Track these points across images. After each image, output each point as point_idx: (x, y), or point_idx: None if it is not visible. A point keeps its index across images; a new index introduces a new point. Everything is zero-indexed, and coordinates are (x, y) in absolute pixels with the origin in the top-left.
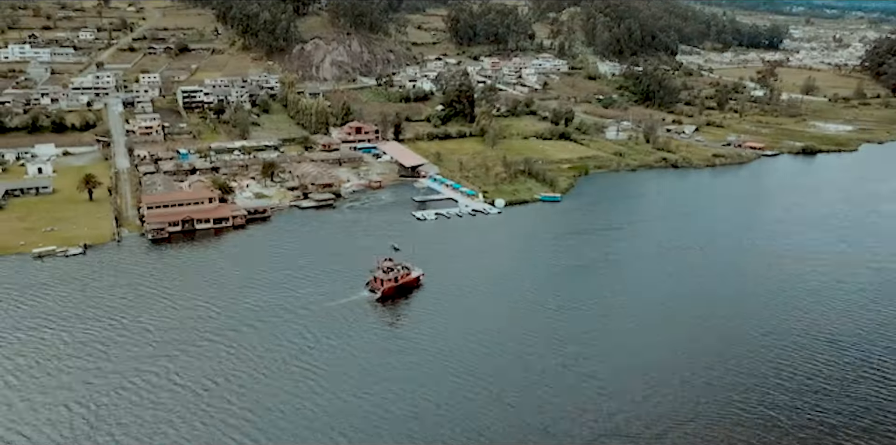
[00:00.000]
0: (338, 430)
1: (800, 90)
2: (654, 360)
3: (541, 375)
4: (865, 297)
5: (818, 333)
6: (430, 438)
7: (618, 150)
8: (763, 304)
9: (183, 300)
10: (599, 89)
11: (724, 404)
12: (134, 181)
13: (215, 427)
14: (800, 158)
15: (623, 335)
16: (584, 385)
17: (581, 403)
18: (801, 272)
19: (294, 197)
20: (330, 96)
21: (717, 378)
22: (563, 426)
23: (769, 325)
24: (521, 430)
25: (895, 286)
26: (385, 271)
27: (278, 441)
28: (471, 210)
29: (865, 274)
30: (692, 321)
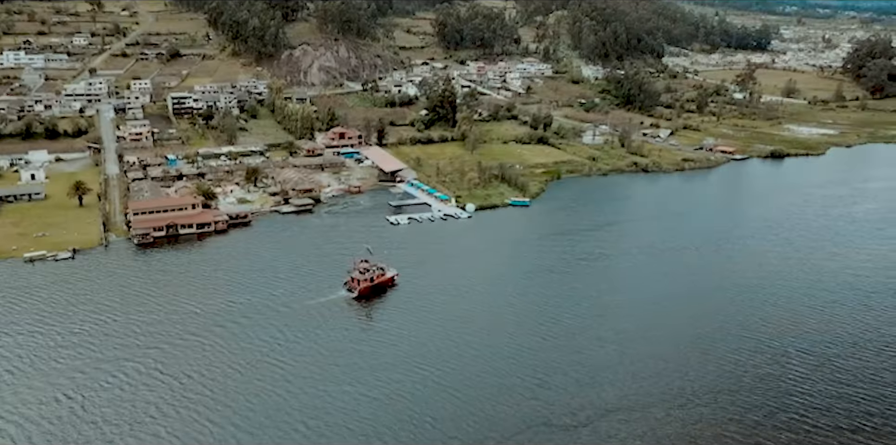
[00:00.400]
0: (301, 417)
1: (781, 93)
2: (610, 355)
3: (499, 364)
4: (796, 292)
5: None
6: (385, 427)
7: (593, 154)
8: (708, 300)
9: (167, 300)
10: (582, 93)
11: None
12: (122, 187)
13: (190, 414)
14: (768, 161)
15: (576, 328)
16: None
17: (518, 396)
18: (739, 271)
19: (275, 202)
20: (317, 101)
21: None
22: (500, 412)
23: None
24: (465, 419)
25: (777, 284)
26: (361, 272)
27: (245, 426)
28: (442, 215)
29: (791, 271)
30: (657, 320)
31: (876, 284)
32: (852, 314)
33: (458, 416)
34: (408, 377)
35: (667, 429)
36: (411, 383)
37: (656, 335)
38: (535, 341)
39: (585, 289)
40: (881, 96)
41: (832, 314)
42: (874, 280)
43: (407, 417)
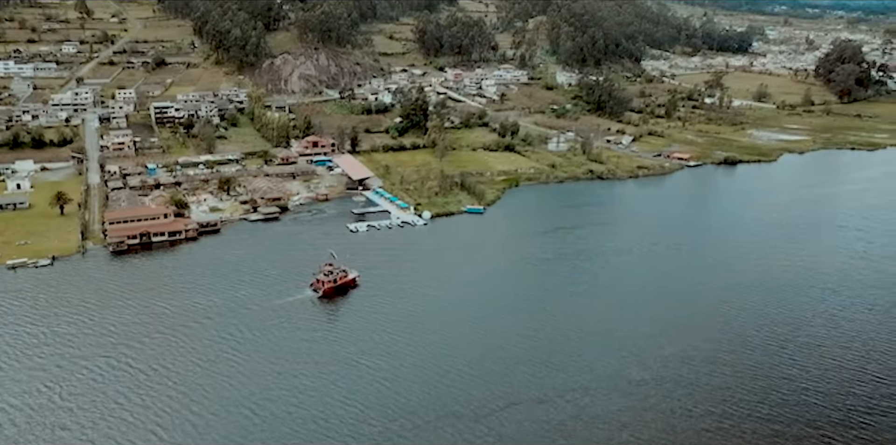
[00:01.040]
0: (248, 404)
1: (752, 97)
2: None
3: (434, 358)
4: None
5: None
6: (318, 411)
7: (555, 161)
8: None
9: (139, 301)
10: (555, 99)
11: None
12: (102, 196)
13: (153, 402)
14: (721, 168)
15: (506, 325)
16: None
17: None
18: (663, 273)
19: (244, 211)
20: (296, 109)
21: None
22: (422, 400)
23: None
24: (389, 406)
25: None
26: (326, 274)
27: (200, 411)
28: (400, 222)
29: (708, 274)
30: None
31: (787, 287)
32: (742, 313)
33: (383, 404)
34: (350, 368)
35: (561, 415)
36: (352, 374)
37: (574, 328)
38: (471, 337)
39: (524, 289)
40: (849, 100)
41: (732, 307)
42: (786, 282)
43: (339, 403)
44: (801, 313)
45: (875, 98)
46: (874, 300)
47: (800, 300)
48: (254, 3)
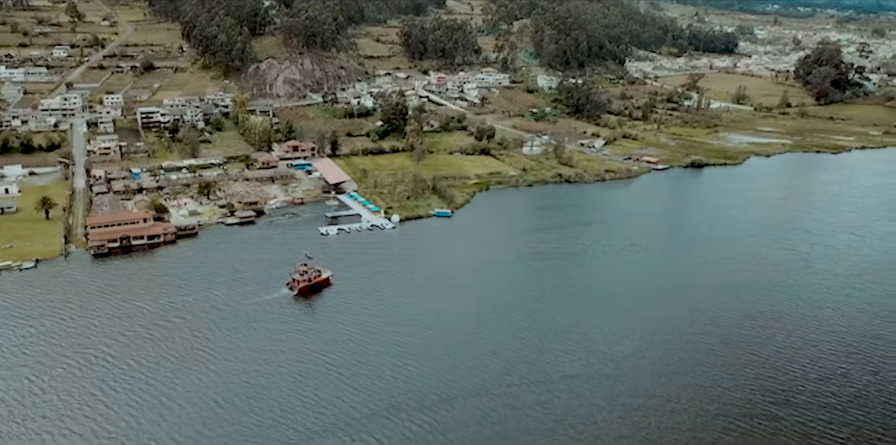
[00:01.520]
0: (213, 394)
1: (731, 99)
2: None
3: (393, 350)
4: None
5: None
6: (275, 401)
7: (528, 165)
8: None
9: (118, 301)
10: (535, 103)
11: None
12: (86, 201)
13: (127, 392)
14: (688, 171)
15: (455, 320)
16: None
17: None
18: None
19: (222, 215)
20: (280, 113)
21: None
22: (370, 392)
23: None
24: (343, 396)
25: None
26: (301, 274)
27: (168, 402)
28: (369, 226)
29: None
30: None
31: (731, 286)
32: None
33: (337, 395)
34: (313, 361)
35: (495, 406)
36: (314, 367)
37: (525, 324)
38: (427, 332)
39: (482, 287)
40: (825, 102)
41: (679, 305)
42: (730, 282)
43: (296, 392)
44: (741, 310)
45: (851, 100)
46: (807, 297)
47: (743, 298)
48: (240, 8)
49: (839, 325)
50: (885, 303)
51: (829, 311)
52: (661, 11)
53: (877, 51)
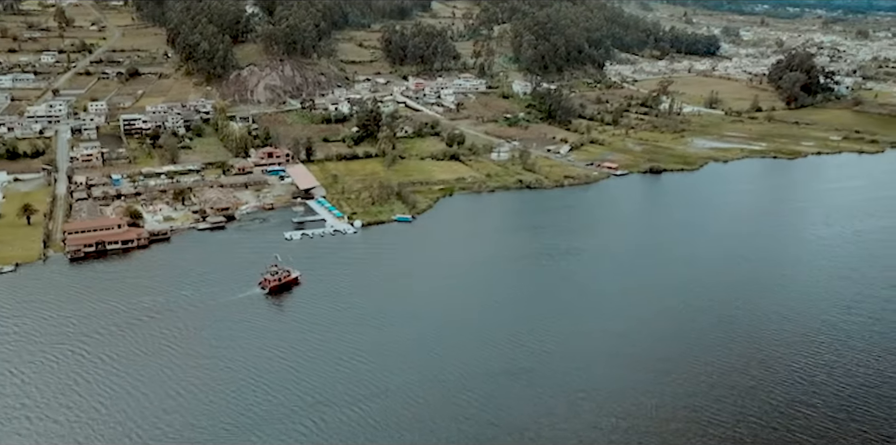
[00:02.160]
0: (175, 386)
1: (704, 103)
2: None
3: (351, 344)
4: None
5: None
6: (231, 391)
7: (494, 170)
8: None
9: (95, 301)
10: (510, 108)
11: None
12: (66, 207)
13: (100, 383)
14: (647, 177)
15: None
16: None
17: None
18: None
19: (194, 220)
20: (259, 119)
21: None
22: (314, 383)
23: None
24: (294, 387)
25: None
26: (272, 274)
27: (135, 392)
28: (332, 231)
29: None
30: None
31: (657, 287)
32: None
33: (283, 387)
34: (280, 352)
35: (422, 400)
36: (278, 356)
37: (460, 320)
38: (377, 328)
39: (433, 287)
40: (796, 107)
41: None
42: (658, 282)
43: (244, 382)
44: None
45: (822, 104)
46: (719, 298)
47: (659, 295)
48: (223, 16)
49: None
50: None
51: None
52: (650, 12)
53: (858, 53)
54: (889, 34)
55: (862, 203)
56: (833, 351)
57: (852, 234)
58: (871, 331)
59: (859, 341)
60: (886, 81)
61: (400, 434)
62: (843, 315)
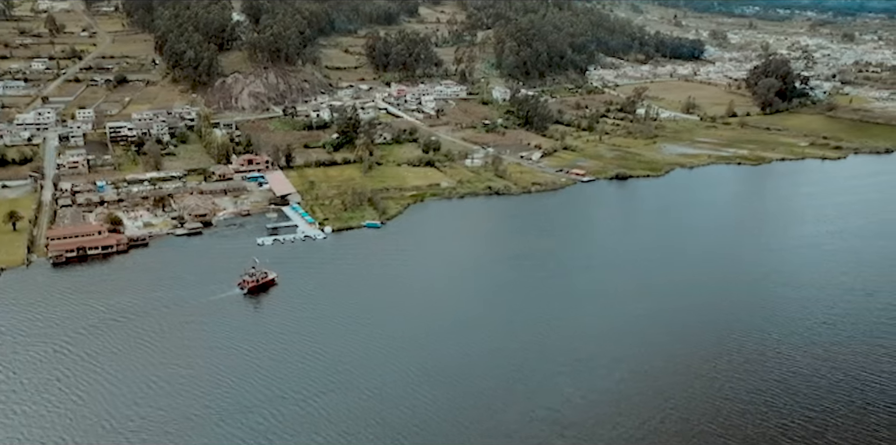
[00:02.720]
0: (147, 379)
1: (681, 109)
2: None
3: (316, 339)
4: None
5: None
6: (194, 385)
7: (466, 177)
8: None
9: (76, 303)
10: (488, 115)
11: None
12: (51, 213)
13: (79, 376)
14: (613, 183)
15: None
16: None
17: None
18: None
19: (172, 226)
20: (243, 126)
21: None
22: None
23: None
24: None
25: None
26: (250, 275)
27: (111, 385)
28: (303, 236)
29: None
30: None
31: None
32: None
33: (247, 382)
34: (255, 347)
35: (366, 397)
36: (253, 350)
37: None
38: (337, 327)
39: (396, 288)
40: (770, 112)
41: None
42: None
43: (218, 376)
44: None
45: (796, 109)
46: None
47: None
48: (209, 24)
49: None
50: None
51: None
52: (641, 14)
53: (841, 56)
54: (875, 37)
55: (811, 209)
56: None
57: (791, 240)
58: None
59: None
60: (864, 85)
61: (350, 427)
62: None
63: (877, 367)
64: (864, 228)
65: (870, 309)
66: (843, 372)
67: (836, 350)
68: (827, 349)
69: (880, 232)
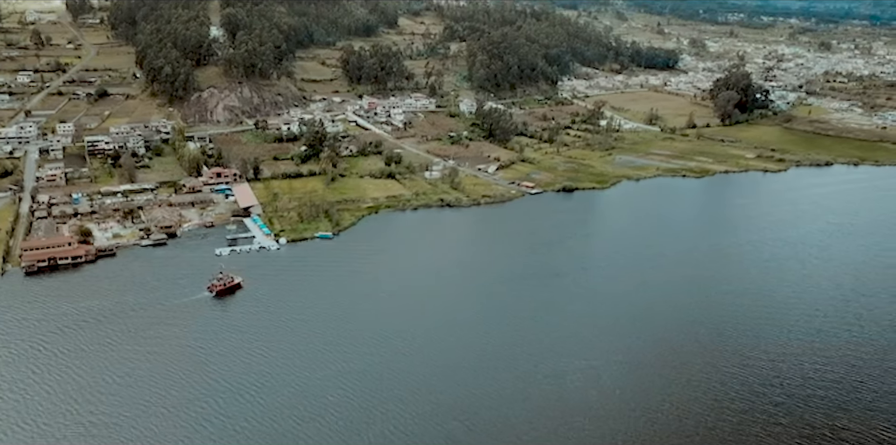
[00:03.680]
0: (113, 377)
1: (644, 120)
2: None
3: (271, 338)
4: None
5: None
6: (159, 380)
7: (424, 189)
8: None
9: (49, 307)
10: (454, 127)
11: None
12: (27, 225)
13: (52, 372)
14: (560, 195)
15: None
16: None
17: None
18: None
19: (139, 237)
20: (216, 139)
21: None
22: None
23: None
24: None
25: None
26: (218, 280)
27: (80, 380)
28: (258, 247)
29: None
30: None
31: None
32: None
33: (193, 379)
34: (218, 343)
35: (309, 395)
36: (217, 346)
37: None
38: (289, 329)
39: (341, 295)
40: (730, 123)
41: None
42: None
43: (175, 367)
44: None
45: (756, 121)
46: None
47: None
48: (186, 40)
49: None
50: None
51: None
52: (626, 21)
53: (814, 66)
54: (852, 46)
55: (740, 220)
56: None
57: (707, 249)
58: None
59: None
60: (828, 96)
61: (286, 420)
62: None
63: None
64: (779, 238)
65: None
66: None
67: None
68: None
69: (787, 242)
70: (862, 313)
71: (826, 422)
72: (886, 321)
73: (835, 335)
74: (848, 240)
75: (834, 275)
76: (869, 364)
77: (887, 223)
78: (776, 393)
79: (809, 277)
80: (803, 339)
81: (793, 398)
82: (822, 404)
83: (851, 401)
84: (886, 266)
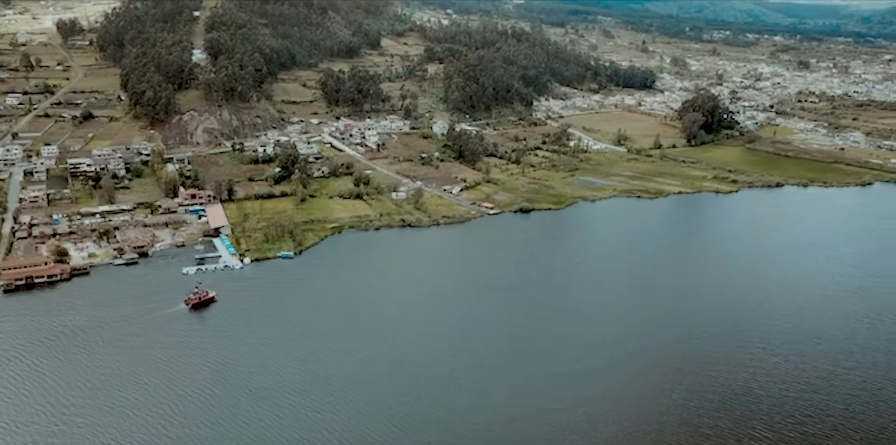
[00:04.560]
0: (90, 380)
1: (612, 141)
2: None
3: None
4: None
5: None
6: (133, 384)
7: (389, 209)
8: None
9: (28, 321)
10: (426, 148)
11: None
12: (8, 244)
13: (32, 378)
14: (516, 216)
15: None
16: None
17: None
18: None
19: (112, 256)
20: (194, 160)
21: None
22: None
23: None
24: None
25: None
26: (194, 294)
27: (56, 385)
28: (223, 266)
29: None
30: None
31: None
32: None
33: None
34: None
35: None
36: (183, 355)
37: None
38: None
39: (302, 311)
40: (696, 144)
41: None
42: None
43: (148, 373)
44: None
45: (721, 141)
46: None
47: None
48: (169, 65)
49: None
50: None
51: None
52: (612, 39)
53: (790, 85)
54: (830, 65)
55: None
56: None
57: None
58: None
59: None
60: (796, 116)
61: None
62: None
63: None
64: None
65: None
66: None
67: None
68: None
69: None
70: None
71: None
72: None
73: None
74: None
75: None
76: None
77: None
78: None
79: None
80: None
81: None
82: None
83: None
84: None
